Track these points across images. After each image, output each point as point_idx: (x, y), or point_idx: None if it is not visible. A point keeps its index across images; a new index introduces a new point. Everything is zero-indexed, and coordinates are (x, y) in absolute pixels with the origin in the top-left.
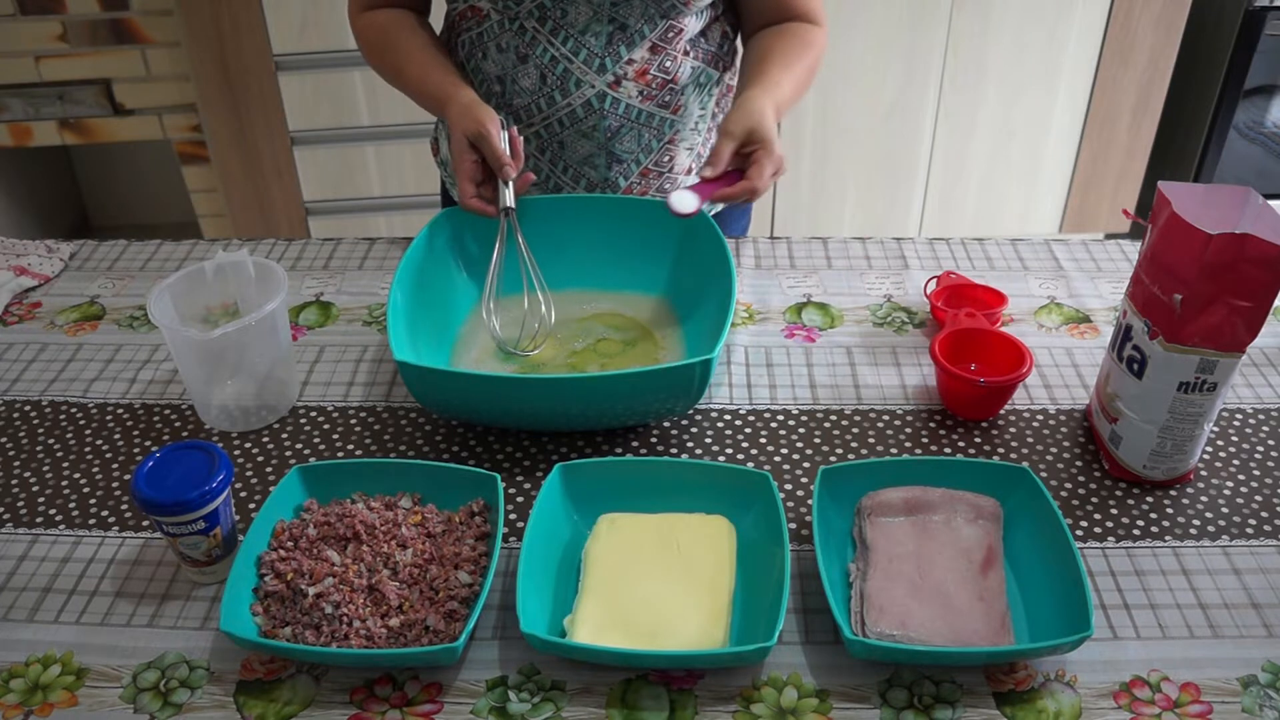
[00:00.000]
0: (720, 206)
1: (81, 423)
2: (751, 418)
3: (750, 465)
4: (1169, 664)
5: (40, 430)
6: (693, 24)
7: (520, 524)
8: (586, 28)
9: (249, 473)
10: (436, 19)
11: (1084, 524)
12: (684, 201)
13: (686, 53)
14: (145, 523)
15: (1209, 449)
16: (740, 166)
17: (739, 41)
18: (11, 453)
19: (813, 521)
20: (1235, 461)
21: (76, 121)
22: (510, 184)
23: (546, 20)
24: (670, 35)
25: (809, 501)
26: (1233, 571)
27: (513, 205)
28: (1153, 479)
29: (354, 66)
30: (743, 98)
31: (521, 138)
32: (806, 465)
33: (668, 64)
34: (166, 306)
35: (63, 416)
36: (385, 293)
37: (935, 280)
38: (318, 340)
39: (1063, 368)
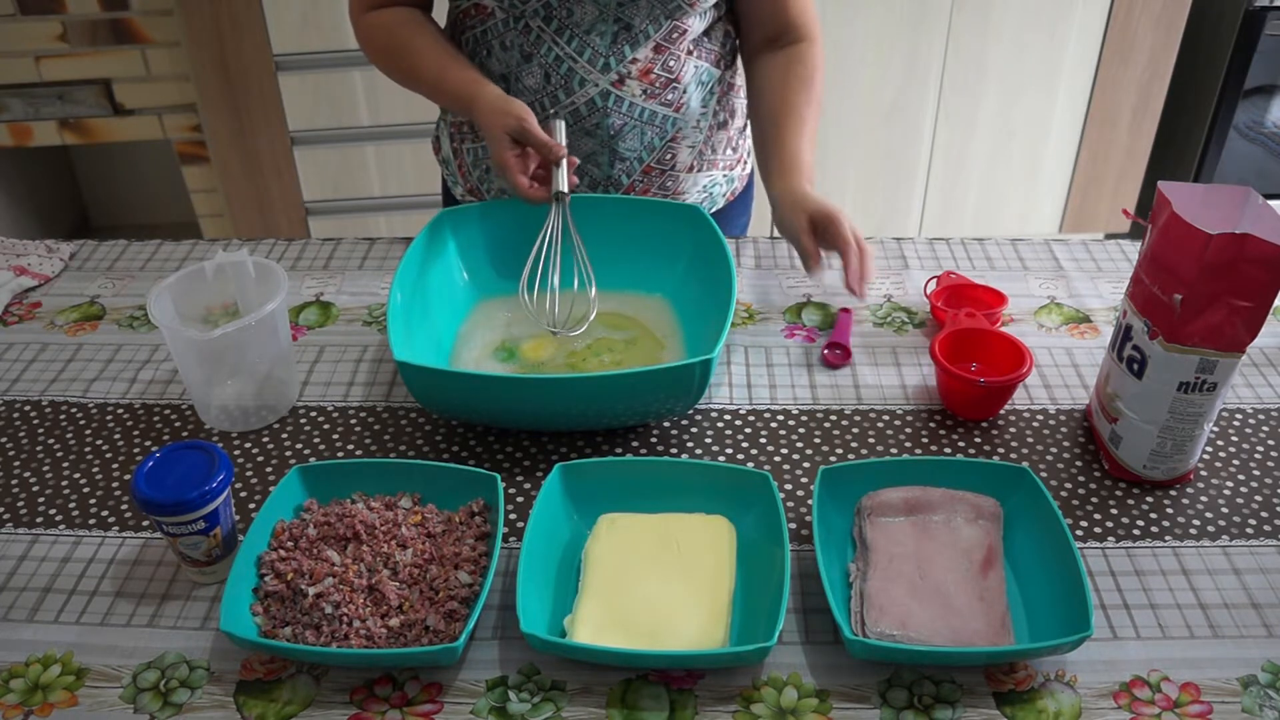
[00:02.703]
0: (721, 203)
1: (81, 423)
2: (751, 418)
3: (750, 465)
4: (1169, 664)
5: (40, 430)
6: (696, 24)
7: (520, 524)
8: (592, 27)
9: (249, 473)
10: (439, 18)
11: (1084, 524)
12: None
13: (690, 52)
14: (145, 523)
15: (1209, 449)
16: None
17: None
18: (11, 453)
19: (813, 521)
20: (1235, 461)
21: (76, 121)
22: (563, 165)
23: (552, 19)
24: (674, 35)
25: (809, 501)
26: (1233, 571)
27: (566, 189)
28: (1153, 479)
29: (354, 66)
30: (780, 191)
31: (561, 120)
32: (806, 465)
33: (671, 63)
34: (166, 306)
35: (63, 416)
36: (385, 293)
37: (935, 280)
38: (318, 340)
39: (1063, 368)
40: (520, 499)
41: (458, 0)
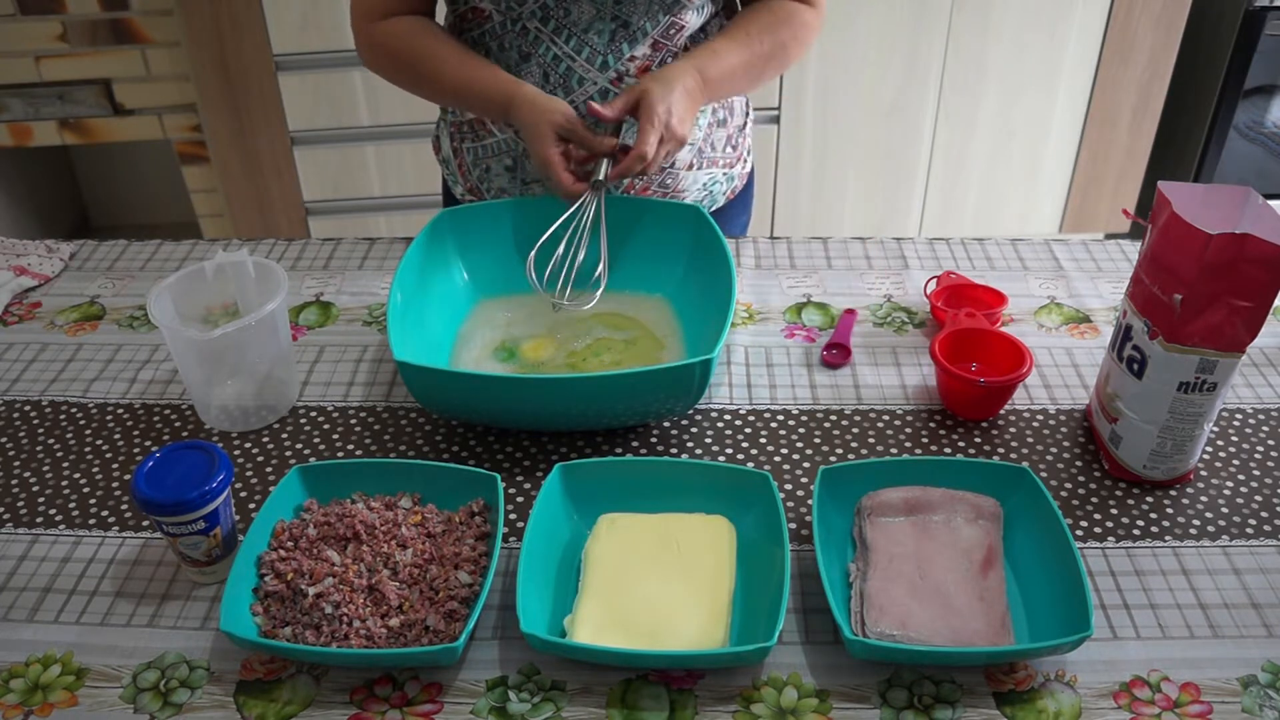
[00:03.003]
0: (721, 201)
1: (81, 423)
2: (751, 418)
3: (750, 465)
4: (1169, 664)
5: (40, 430)
6: (693, 20)
7: (520, 524)
8: (589, 26)
9: (249, 473)
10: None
11: (1084, 524)
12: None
13: (687, 49)
14: (145, 523)
15: (1209, 449)
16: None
17: None
18: (11, 453)
19: (813, 521)
20: (1235, 461)
21: (76, 121)
22: (608, 159)
23: (549, 20)
24: (672, 32)
25: (809, 501)
26: (1233, 571)
27: (604, 180)
28: (1153, 479)
29: (354, 66)
30: (669, 63)
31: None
32: (806, 465)
33: (669, 60)
34: (166, 306)
35: (63, 416)
36: (385, 293)
37: (935, 280)
38: (318, 340)
39: (1063, 368)
40: (520, 499)
41: (455, 4)
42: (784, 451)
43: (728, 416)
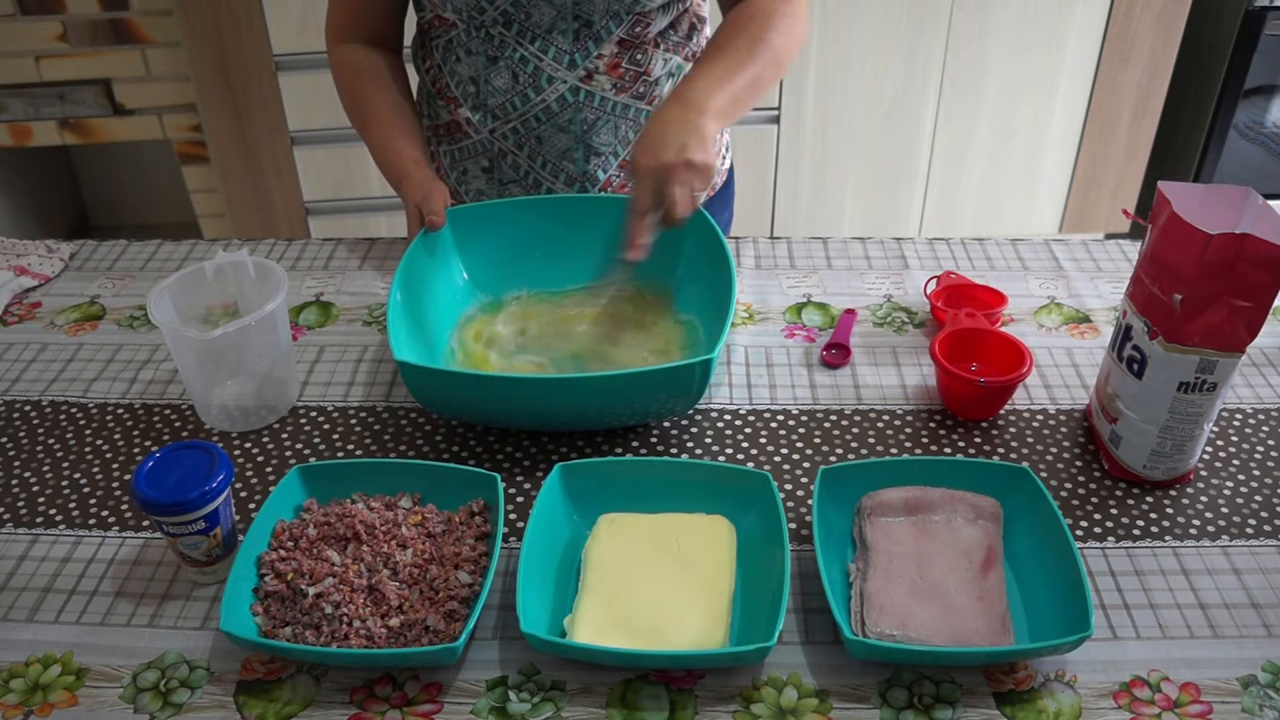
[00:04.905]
0: (702, 199)
1: (81, 423)
2: (751, 418)
3: (750, 465)
4: (1169, 664)
5: (40, 430)
6: (660, 18)
7: (520, 524)
8: (552, 26)
9: (249, 473)
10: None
11: (1084, 524)
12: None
13: (657, 45)
14: (145, 523)
15: (1209, 449)
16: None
17: (709, 30)
18: (11, 453)
19: (813, 521)
20: (1235, 461)
21: (76, 121)
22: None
23: (512, 24)
24: (638, 29)
25: (809, 501)
26: (1233, 571)
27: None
28: (1153, 479)
29: None
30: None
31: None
32: (806, 465)
33: (638, 57)
34: (166, 306)
35: (63, 416)
36: (385, 293)
37: (935, 280)
38: (318, 340)
39: (1063, 368)
40: (520, 499)
41: (423, 12)
42: (784, 451)
43: (728, 416)
